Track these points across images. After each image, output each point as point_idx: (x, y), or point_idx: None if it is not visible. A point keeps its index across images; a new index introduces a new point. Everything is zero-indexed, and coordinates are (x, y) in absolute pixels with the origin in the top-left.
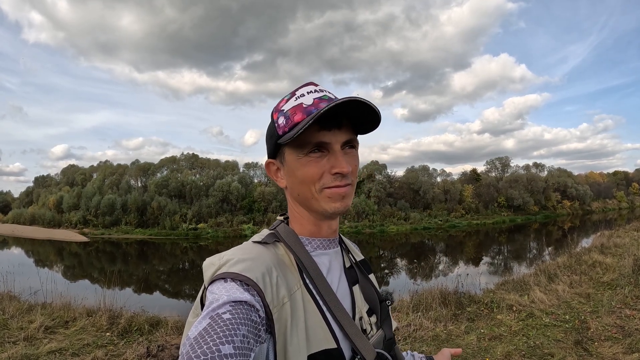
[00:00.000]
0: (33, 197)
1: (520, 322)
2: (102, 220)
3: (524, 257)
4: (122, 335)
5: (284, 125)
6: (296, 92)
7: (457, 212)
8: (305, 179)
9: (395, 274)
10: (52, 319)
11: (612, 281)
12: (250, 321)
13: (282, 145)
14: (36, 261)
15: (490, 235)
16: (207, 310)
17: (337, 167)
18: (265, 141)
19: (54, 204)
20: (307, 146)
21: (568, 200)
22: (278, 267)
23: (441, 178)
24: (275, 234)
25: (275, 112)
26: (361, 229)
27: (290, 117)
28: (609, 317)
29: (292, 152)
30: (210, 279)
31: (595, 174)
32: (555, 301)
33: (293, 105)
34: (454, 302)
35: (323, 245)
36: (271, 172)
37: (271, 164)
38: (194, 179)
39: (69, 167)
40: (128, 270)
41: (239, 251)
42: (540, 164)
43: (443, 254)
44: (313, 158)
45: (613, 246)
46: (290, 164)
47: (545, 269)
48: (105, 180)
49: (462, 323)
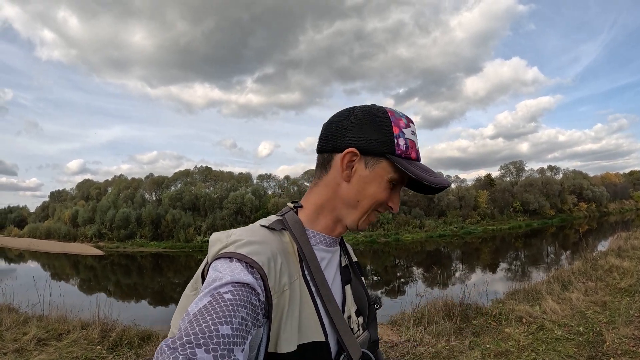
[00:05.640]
0: (49, 211)
1: (529, 335)
2: (117, 234)
3: (540, 263)
4: (112, 349)
5: (402, 150)
6: (410, 124)
7: (473, 219)
8: (377, 199)
9: (399, 286)
10: (47, 331)
11: (629, 287)
12: (250, 304)
13: (384, 156)
14: (53, 275)
15: (506, 241)
16: (209, 288)
17: (394, 205)
18: (356, 127)
19: (69, 218)
20: (398, 178)
21: (584, 203)
22: (282, 254)
23: (455, 184)
24: (282, 221)
25: (395, 126)
26: (376, 237)
27: (409, 148)
28: (626, 327)
29: (388, 171)
30: (215, 256)
31: (611, 175)
32: (569, 311)
33: (411, 139)
34: (459, 314)
35: (327, 241)
36: (344, 161)
37: (355, 155)
38: (208, 192)
39: (84, 181)
40: (143, 283)
41: (247, 232)
42: (555, 166)
43: (459, 261)
44: (390, 186)
45: (630, 248)
46: (377, 177)
47: (559, 275)
48: (120, 194)
49: (467, 338)
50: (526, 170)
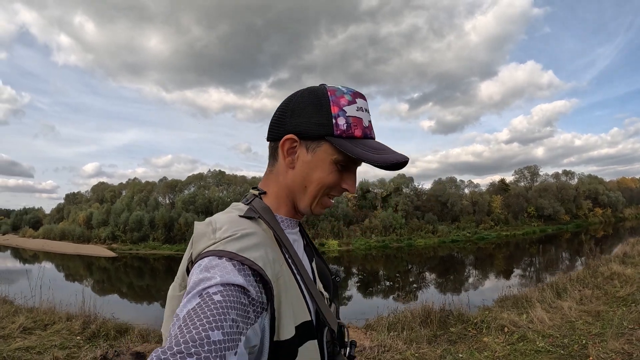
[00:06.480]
0: (64, 213)
1: (508, 346)
2: (130, 236)
3: (550, 270)
4: (90, 340)
5: (343, 130)
6: (356, 99)
7: (486, 224)
8: (325, 183)
9: (381, 292)
10: (34, 321)
11: (628, 296)
12: (240, 304)
13: (324, 139)
14: (66, 275)
15: (520, 247)
16: (197, 288)
17: (350, 187)
18: (294, 113)
19: (83, 220)
20: (345, 159)
21: (600, 208)
22: (269, 243)
23: (469, 189)
24: (253, 209)
25: (333, 105)
26: (388, 243)
27: (351, 126)
28: (616, 341)
29: (330, 153)
30: (203, 253)
31: (627, 180)
32: (558, 321)
33: (354, 116)
34: (437, 321)
35: (292, 224)
36: (285, 147)
37: (295, 141)
38: (221, 196)
39: (98, 184)
40: (156, 285)
41: (232, 225)
42: (570, 171)
43: (470, 267)
44: (336, 168)
45: (637, 255)
46: (320, 161)
47: (555, 282)
48: (134, 197)
49: (441, 346)
50: (541, 175)
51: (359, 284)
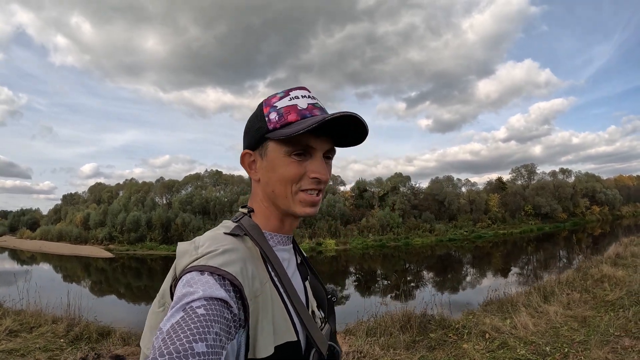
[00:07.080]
0: (61, 214)
1: (488, 353)
2: (128, 237)
3: (545, 269)
4: (72, 342)
5: (275, 122)
6: (290, 92)
7: (483, 223)
8: (285, 178)
9: (366, 294)
10: (21, 323)
11: (617, 300)
12: (223, 318)
13: (266, 139)
14: (63, 277)
15: (517, 245)
16: (181, 303)
17: (317, 173)
18: (245, 132)
19: (80, 220)
20: (294, 147)
21: (597, 206)
22: (250, 260)
23: (466, 188)
24: (240, 227)
25: (266, 106)
26: (385, 242)
27: (284, 115)
28: (599, 349)
29: (277, 149)
30: (185, 269)
31: (624, 177)
32: (543, 326)
33: (287, 105)
34: (417, 326)
35: (283, 241)
36: (245, 163)
37: (248, 154)
38: (218, 195)
39: (95, 185)
40: (153, 286)
41: (214, 242)
42: (567, 169)
43: (468, 266)
44: (296, 159)
45: (629, 256)
46: (272, 160)
47: (542, 285)
48: (131, 197)
49: (419, 352)
50: (538, 174)
51: (356, 284)
